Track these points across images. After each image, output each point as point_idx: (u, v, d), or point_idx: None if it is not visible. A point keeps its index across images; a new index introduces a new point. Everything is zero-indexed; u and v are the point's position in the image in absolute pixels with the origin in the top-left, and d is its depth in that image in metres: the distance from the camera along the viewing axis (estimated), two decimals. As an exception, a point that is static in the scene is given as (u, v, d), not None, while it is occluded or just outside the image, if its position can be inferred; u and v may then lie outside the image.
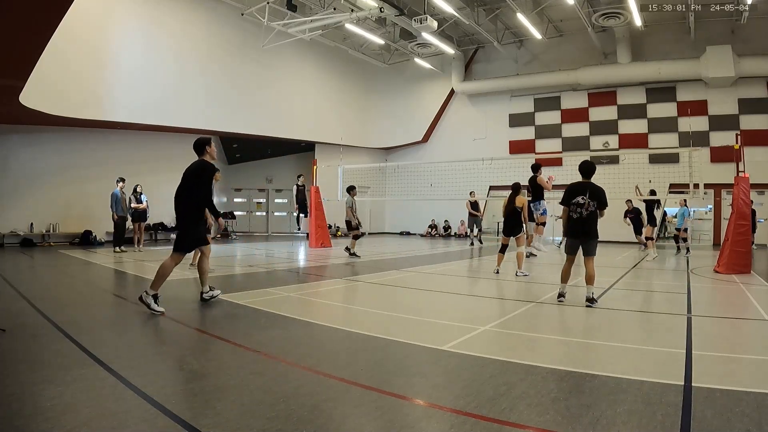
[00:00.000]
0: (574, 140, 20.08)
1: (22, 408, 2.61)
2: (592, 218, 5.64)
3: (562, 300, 5.81)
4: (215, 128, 17.59)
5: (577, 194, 5.68)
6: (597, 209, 5.63)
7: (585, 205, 5.62)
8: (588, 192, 5.64)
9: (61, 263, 10.24)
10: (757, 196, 15.94)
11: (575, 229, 5.71)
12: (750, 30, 16.21)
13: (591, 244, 5.70)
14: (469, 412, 2.63)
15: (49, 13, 6.48)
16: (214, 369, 3.42)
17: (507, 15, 18.23)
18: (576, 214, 5.66)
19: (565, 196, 5.80)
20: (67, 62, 12.48)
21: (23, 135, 14.29)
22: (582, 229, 5.66)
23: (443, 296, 6.74)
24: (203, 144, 5.65)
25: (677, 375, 3.20)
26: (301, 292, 6.41)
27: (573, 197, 5.69)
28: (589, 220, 5.62)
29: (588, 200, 5.61)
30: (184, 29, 16.00)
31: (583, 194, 5.64)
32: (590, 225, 5.64)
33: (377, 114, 23.92)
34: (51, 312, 5.05)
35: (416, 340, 4.06)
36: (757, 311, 5.57)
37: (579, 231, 5.69)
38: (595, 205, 5.61)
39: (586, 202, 5.62)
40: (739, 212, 8.98)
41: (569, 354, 3.84)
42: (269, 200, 23.42)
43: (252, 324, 4.80)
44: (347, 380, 3.14)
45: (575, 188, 5.76)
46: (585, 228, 5.65)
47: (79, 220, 15.24)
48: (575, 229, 5.71)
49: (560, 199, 5.89)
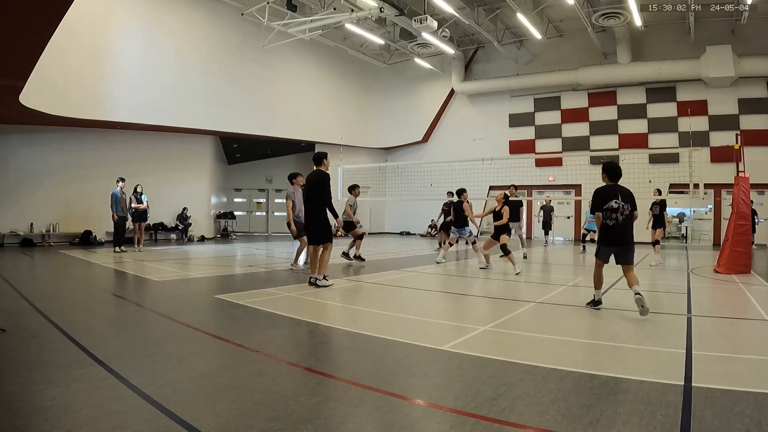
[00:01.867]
0: (574, 140, 20.09)
1: (22, 408, 2.61)
2: (629, 223, 5.23)
3: (599, 308, 5.35)
4: (215, 128, 17.61)
5: (609, 198, 5.23)
6: (631, 212, 5.24)
7: (619, 209, 5.16)
8: (620, 195, 5.23)
9: (61, 263, 10.24)
10: (757, 196, 15.95)
11: (612, 237, 5.24)
12: (750, 30, 16.22)
13: (629, 252, 5.26)
14: (469, 412, 2.63)
15: (49, 13, 6.48)
16: (214, 369, 3.42)
17: (507, 15, 18.24)
18: (611, 220, 5.19)
19: (595, 202, 5.34)
20: (67, 62, 12.47)
21: (23, 135, 14.30)
22: (620, 237, 5.22)
23: (443, 296, 6.74)
24: (321, 158, 6.90)
25: (677, 375, 3.20)
26: (301, 292, 6.41)
27: (605, 202, 5.24)
28: (625, 225, 5.20)
29: (622, 203, 5.17)
30: (184, 29, 16.00)
31: (616, 198, 5.20)
32: (627, 231, 5.22)
33: (377, 114, 23.93)
34: (51, 312, 5.05)
35: (416, 340, 4.06)
36: (757, 311, 5.57)
37: (616, 239, 5.23)
38: (629, 209, 5.21)
39: (620, 205, 5.16)
40: (739, 212, 8.98)
41: (569, 354, 3.84)
42: (269, 200, 23.42)
43: (252, 324, 4.80)
44: (347, 380, 3.14)
45: (606, 192, 5.30)
46: (622, 235, 5.21)
47: (79, 220, 15.24)
48: (612, 237, 5.24)
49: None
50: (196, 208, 18.12)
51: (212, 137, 19.06)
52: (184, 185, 17.82)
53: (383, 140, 23.92)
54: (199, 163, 18.63)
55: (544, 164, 20.51)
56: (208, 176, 19.09)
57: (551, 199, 17.03)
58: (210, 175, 19.27)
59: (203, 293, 6.69)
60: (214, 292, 6.48)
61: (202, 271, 8.99)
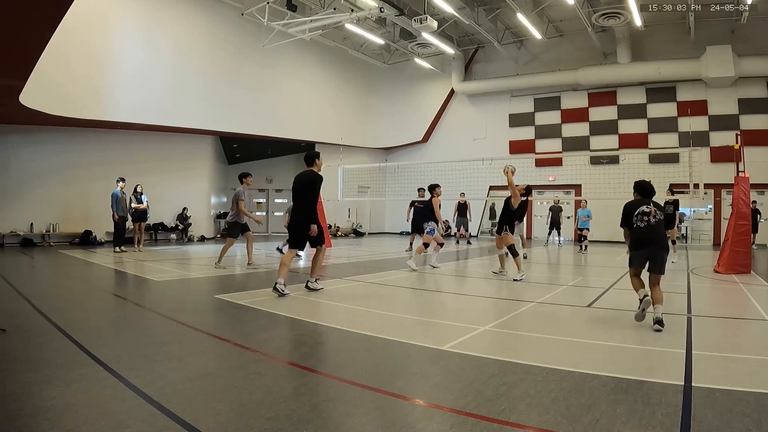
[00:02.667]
0: (574, 140, 20.09)
1: (22, 408, 2.61)
2: (662, 226, 4.93)
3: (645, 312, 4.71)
4: (215, 128, 17.60)
5: (638, 206, 4.98)
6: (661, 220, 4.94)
7: (651, 212, 4.89)
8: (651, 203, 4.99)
9: (61, 263, 10.24)
10: (757, 196, 15.96)
11: (642, 236, 4.89)
12: (750, 30, 16.21)
13: (661, 256, 4.85)
14: (469, 412, 2.63)
15: (49, 13, 6.48)
16: (214, 369, 3.42)
17: (507, 15, 18.24)
18: (642, 222, 4.89)
19: (624, 216, 5.06)
20: (67, 62, 12.47)
21: (23, 135, 14.29)
22: (651, 236, 4.85)
23: (443, 296, 6.74)
24: (313, 157, 6.50)
25: (677, 375, 3.20)
26: (301, 292, 6.40)
27: (634, 211, 4.97)
28: (657, 227, 4.87)
29: (653, 208, 4.92)
30: (184, 29, 15.99)
31: (646, 204, 4.96)
32: (660, 231, 4.90)
33: (377, 114, 23.92)
34: (51, 312, 5.05)
35: (416, 340, 4.06)
36: (757, 311, 5.58)
37: (647, 239, 4.86)
38: (661, 215, 4.94)
39: (651, 209, 4.90)
40: (739, 212, 8.98)
41: (569, 354, 3.84)
42: (269, 200, 23.41)
43: (252, 324, 4.80)
44: (347, 380, 3.14)
45: (634, 203, 5.07)
46: (654, 235, 4.84)
47: (79, 220, 15.24)
48: (642, 236, 4.89)
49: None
50: (196, 208, 18.12)
51: (212, 137, 19.06)
52: (184, 185, 17.82)
53: (383, 140, 23.92)
54: (199, 163, 18.62)
55: (544, 164, 20.51)
56: (208, 176, 19.09)
57: (559, 199, 17.03)
58: (210, 175, 19.27)
59: (203, 293, 6.69)
60: (214, 292, 6.48)
61: (202, 271, 8.99)
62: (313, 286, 6.54)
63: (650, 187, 5.08)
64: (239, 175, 9.36)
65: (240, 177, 9.32)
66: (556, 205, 16.09)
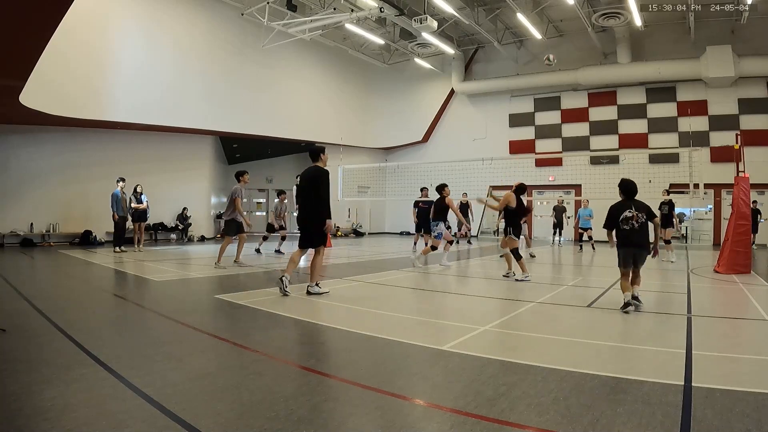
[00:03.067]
0: (574, 140, 20.09)
1: (22, 408, 2.61)
2: (644, 229, 5.40)
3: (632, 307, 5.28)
4: (215, 128, 17.60)
5: (622, 210, 5.42)
6: (647, 220, 5.42)
7: (633, 217, 5.35)
8: (633, 207, 5.40)
9: (61, 263, 10.24)
10: (757, 196, 15.95)
11: (628, 238, 5.39)
12: (750, 30, 16.21)
13: (644, 256, 5.49)
14: (469, 412, 2.63)
15: (49, 13, 6.48)
16: (214, 369, 3.42)
17: (507, 15, 18.24)
18: (627, 226, 5.37)
19: (607, 220, 5.56)
20: (67, 62, 12.47)
21: (23, 135, 14.30)
22: (635, 240, 5.37)
23: (443, 296, 6.74)
24: (318, 152, 6.36)
25: (677, 375, 3.20)
26: (301, 292, 6.40)
27: (619, 215, 5.42)
28: (641, 230, 5.37)
29: (636, 213, 5.36)
30: (184, 29, 15.99)
31: (629, 208, 5.38)
32: (643, 234, 5.39)
33: (377, 114, 23.92)
34: (51, 312, 5.05)
35: (416, 340, 4.06)
36: (757, 311, 5.57)
37: (632, 241, 5.37)
38: (644, 217, 5.38)
39: (633, 214, 5.35)
40: (739, 212, 8.98)
41: (569, 354, 3.84)
42: (269, 200, 23.41)
43: (252, 324, 4.80)
44: (347, 380, 3.14)
45: (618, 206, 5.49)
46: (637, 238, 5.36)
47: (79, 220, 15.24)
48: (628, 238, 5.39)
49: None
50: (196, 208, 18.12)
51: (212, 137, 19.06)
52: (184, 185, 17.82)
53: (383, 140, 23.92)
54: (199, 163, 18.63)
55: (544, 164, 20.51)
56: (207, 176, 19.09)
57: (563, 199, 17.02)
58: (210, 175, 19.27)
59: (203, 293, 6.69)
60: (214, 292, 6.48)
61: (202, 271, 8.99)
62: (314, 290, 6.24)
63: (634, 188, 5.54)
64: (236, 173, 9.49)
65: (237, 175, 9.45)
66: (560, 205, 16.10)
